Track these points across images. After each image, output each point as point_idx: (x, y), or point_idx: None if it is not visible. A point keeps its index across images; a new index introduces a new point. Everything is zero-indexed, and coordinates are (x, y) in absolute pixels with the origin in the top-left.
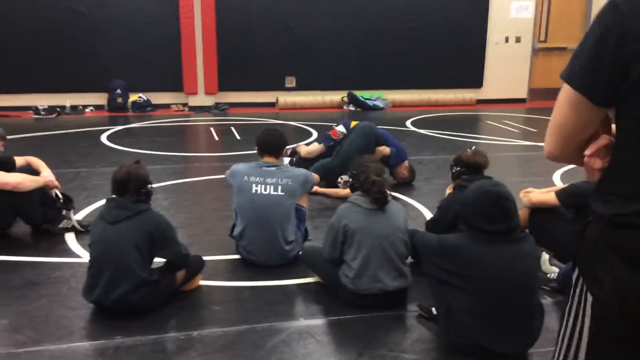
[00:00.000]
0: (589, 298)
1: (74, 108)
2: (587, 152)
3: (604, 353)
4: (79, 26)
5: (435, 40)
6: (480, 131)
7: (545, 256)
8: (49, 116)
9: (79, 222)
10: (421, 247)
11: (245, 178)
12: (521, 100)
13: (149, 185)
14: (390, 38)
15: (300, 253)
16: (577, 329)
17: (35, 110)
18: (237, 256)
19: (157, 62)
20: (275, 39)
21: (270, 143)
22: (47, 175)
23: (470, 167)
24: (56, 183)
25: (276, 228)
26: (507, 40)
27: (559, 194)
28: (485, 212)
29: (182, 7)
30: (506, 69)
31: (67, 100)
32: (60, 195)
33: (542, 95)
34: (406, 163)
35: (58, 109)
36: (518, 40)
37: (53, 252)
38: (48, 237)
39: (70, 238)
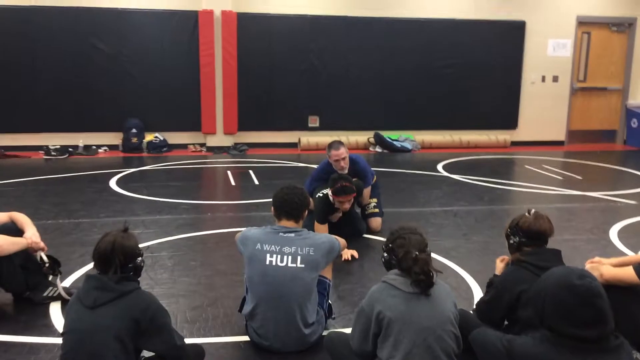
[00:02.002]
0: None
1: (86, 148)
2: None
3: None
4: (96, 63)
5: (468, 78)
6: (518, 177)
7: None
8: (60, 157)
9: (66, 289)
10: (480, 350)
11: (258, 246)
12: (559, 143)
13: (138, 259)
14: (419, 76)
15: (324, 336)
16: None
17: (46, 150)
18: (247, 338)
19: (174, 100)
20: (298, 76)
21: (290, 204)
22: (30, 235)
23: (533, 237)
24: (41, 245)
25: (294, 307)
26: (543, 79)
27: (639, 269)
28: (572, 314)
29: (202, 44)
30: (543, 109)
31: (80, 139)
32: (45, 259)
33: (581, 138)
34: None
35: (70, 149)
36: (555, 79)
37: (32, 329)
38: (30, 308)
39: (55, 310)
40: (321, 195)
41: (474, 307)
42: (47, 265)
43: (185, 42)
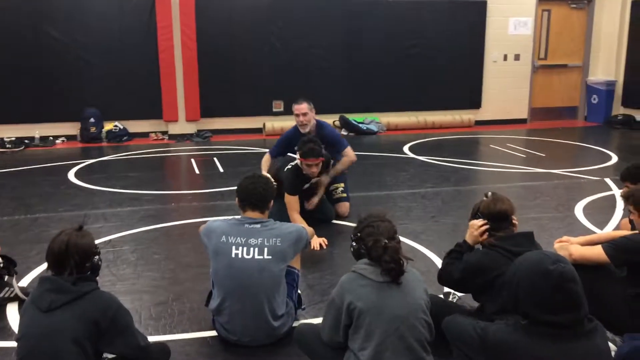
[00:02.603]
0: None
1: (43, 139)
2: None
3: None
4: (50, 50)
5: (431, 58)
6: (483, 157)
7: None
8: (16, 149)
9: (23, 289)
10: (453, 337)
11: (223, 239)
12: (522, 121)
13: (95, 257)
14: (383, 57)
15: (294, 328)
16: None
17: (1, 143)
18: (214, 333)
19: (133, 87)
20: (261, 60)
21: (254, 195)
22: None
23: (496, 219)
24: None
25: (262, 300)
26: (505, 58)
27: (608, 248)
28: (546, 300)
29: (160, 28)
30: (505, 88)
31: (36, 130)
32: None
33: (543, 115)
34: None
35: (26, 141)
36: (517, 58)
37: None
38: None
39: (12, 311)
40: (290, 167)
41: (439, 271)
42: (1, 265)
43: (142, 26)
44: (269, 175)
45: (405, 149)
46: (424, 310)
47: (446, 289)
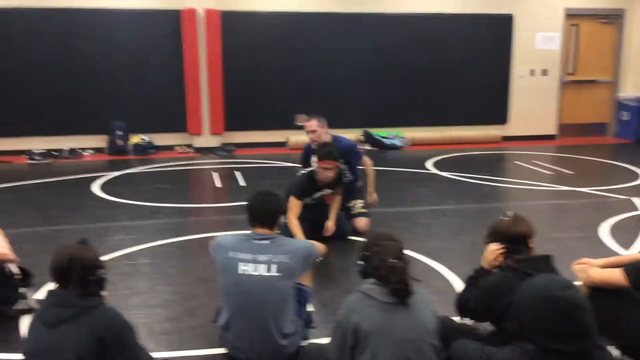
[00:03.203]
0: None
1: (72, 152)
2: None
3: None
4: (79, 65)
5: (457, 73)
6: (508, 173)
7: (614, 353)
8: (44, 161)
9: (39, 302)
10: None
11: (231, 254)
12: (550, 137)
13: (99, 271)
14: (407, 72)
15: (302, 347)
16: None
17: (30, 154)
18: (224, 350)
19: (160, 101)
20: (285, 74)
21: (263, 211)
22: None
23: (513, 241)
24: (11, 256)
25: (269, 318)
26: (532, 73)
27: (629, 271)
28: (553, 327)
29: (186, 42)
30: (533, 103)
31: (65, 143)
32: (16, 271)
33: (571, 131)
34: None
35: (55, 153)
36: (545, 73)
37: (1, 344)
38: (1, 322)
39: (26, 323)
40: (304, 172)
41: (455, 300)
42: (18, 277)
43: (168, 42)
44: (278, 193)
45: (429, 164)
46: (431, 334)
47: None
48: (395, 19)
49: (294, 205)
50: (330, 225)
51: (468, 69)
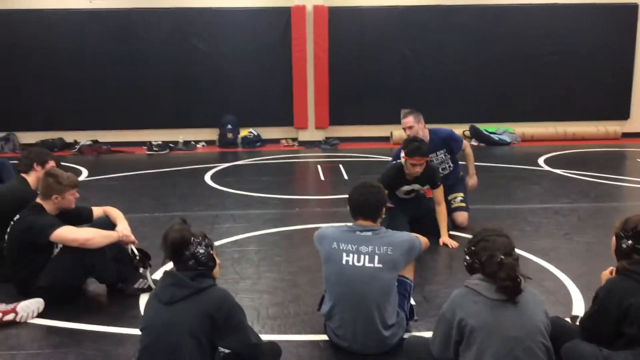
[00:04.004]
0: None
1: (186, 144)
2: None
3: None
4: (195, 62)
5: (572, 66)
6: (630, 172)
7: None
8: (161, 152)
9: (156, 281)
10: None
11: (335, 245)
12: None
13: (194, 248)
14: (518, 64)
15: (404, 339)
16: None
17: (149, 146)
18: (326, 337)
19: (267, 96)
20: (391, 69)
21: (366, 203)
22: (122, 229)
23: None
24: (132, 238)
25: (372, 308)
26: None
27: None
28: None
29: (295, 39)
30: None
31: (180, 135)
32: (136, 252)
33: None
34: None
35: (171, 145)
36: None
37: (122, 320)
38: (121, 299)
39: (145, 301)
40: (394, 162)
41: (577, 323)
42: (137, 258)
43: (278, 38)
44: (380, 185)
45: (540, 161)
46: (542, 334)
47: (574, 312)
48: (503, 9)
49: None
50: (446, 240)
51: (585, 61)
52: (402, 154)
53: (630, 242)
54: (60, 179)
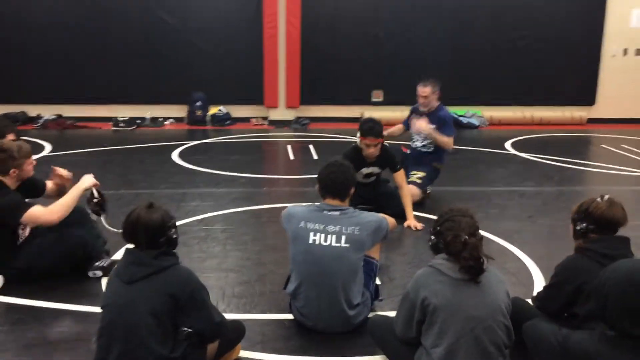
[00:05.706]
0: None
1: (153, 120)
2: None
3: None
4: (163, 36)
5: (541, 51)
6: (593, 157)
7: None
8: (128, 128)
9: (116, 261)
10: (533, 342)
11: (302, 224)
12: None
13: (169, 232)
14: (487, 48)
15: (368, 319)
16: None
17: (115, 121)
18: (291, 316)
19: (238, 73)
20: (363, 50)
21: (335, 182)
22: (84, 177)
23: (603, 225)
24: (94, 181)
25: (338, 288)
26: (625, 52)
27: None
28: (636, 312)
29: (266, 16)
30: (625, 84)
31: (147, 111)
32: (96, 194)
33: None
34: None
35: (138, 121)
36: (639, 53)
37: (83, 298)
38: (83, 278)
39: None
40: (354, 144)
41: (533, 296)
42: (97, 200)
43: (249, 15)
44: (350, 164)
45: (507, 145)
46: (503, 313)
47: (535, 293)
48: None
49: None
50: (412, 224)
51: (554, 46)
52: (358, 134)
53: (584, 224)
54: (12, 152)
